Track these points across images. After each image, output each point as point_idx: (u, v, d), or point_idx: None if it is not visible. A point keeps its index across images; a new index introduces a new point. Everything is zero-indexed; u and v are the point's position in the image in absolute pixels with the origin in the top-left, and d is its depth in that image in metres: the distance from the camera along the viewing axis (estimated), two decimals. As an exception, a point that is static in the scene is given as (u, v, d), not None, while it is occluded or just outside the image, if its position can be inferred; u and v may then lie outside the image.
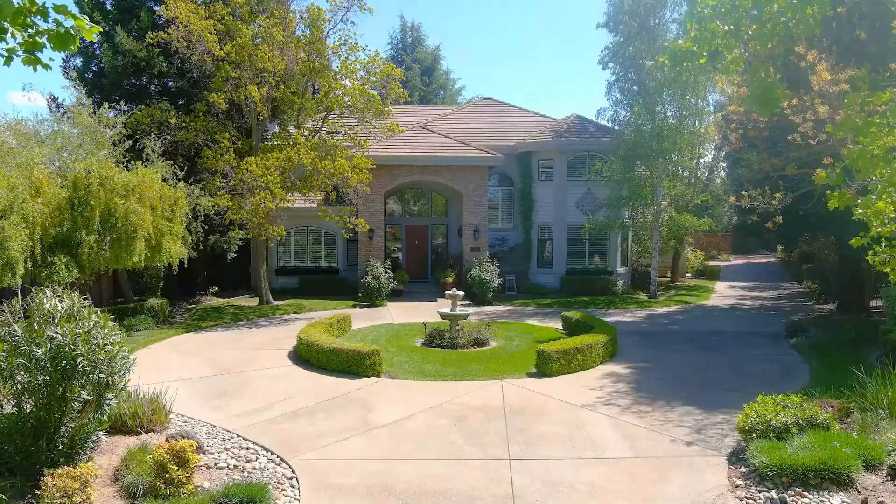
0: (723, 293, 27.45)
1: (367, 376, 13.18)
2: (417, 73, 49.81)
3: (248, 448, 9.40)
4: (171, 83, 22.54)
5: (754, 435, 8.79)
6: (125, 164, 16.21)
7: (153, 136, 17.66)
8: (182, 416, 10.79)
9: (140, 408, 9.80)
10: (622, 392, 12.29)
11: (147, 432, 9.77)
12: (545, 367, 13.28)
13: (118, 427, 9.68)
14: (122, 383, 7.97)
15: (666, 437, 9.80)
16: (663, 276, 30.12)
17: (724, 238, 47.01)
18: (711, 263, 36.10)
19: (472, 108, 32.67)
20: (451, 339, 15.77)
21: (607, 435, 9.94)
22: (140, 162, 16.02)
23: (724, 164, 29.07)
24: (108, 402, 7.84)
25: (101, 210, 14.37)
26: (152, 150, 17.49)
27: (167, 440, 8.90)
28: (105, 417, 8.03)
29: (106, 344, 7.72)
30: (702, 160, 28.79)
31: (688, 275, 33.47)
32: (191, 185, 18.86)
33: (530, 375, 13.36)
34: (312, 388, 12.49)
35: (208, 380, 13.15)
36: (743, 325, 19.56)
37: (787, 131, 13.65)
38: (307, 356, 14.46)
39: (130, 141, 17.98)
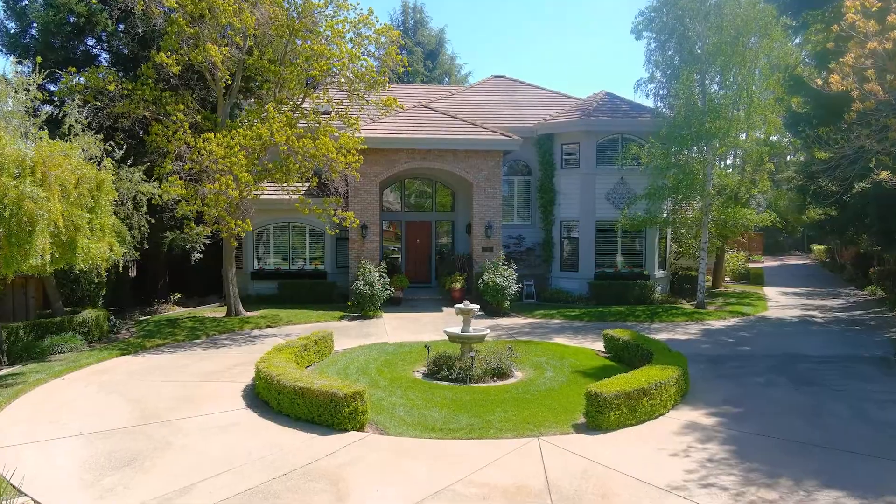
0: (779, 301, 23.33)
1: (345, 430, 9.26)
2: (420, 58, 45.75)
3: (122, 592, 5.46)
4: (122, 47, 18.54)
5: None
6: (27, 135, 12.19)
7: (76, 102, 13.62)
8: (46, 510, 6.86)
9: (-50, 514, 5.87)
10: (719, 460, 8.31)
11: (-40, 557, 5.86)
12: (599, 417, 9.31)
13: None
14: None
15: (832, 566, 5.84)
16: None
17: (755, 237, 42.85)
18: (753, 266, 31.86)
19: (483, 87, 28.50)
20: (462, 371, 11.76)
21: (730, 557, 5.98)
22: (45, 132, 11.98)
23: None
24: None
25: (-18, 195, 10.43)
26: (77, 121, 13.51)
27: None
28: None
29: None
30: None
31: (727, 279, 29.30)
32: (130, 166, 14.83)
33: (578, 429, 9.39)
34: (264, 451, 8.54)
35: (120, 435, 9.21)
36: (830, 346, 15.51)
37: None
38: (266, 396, 10.52)
39: (50, 107, 13.99)
